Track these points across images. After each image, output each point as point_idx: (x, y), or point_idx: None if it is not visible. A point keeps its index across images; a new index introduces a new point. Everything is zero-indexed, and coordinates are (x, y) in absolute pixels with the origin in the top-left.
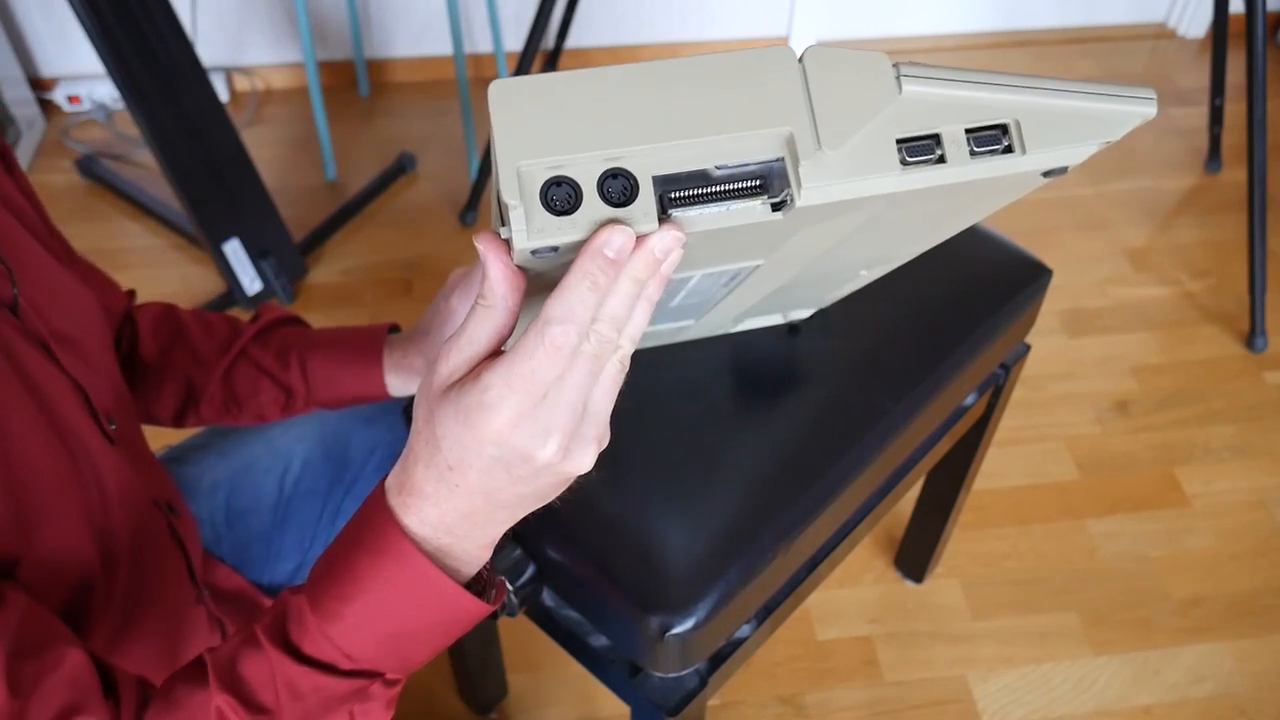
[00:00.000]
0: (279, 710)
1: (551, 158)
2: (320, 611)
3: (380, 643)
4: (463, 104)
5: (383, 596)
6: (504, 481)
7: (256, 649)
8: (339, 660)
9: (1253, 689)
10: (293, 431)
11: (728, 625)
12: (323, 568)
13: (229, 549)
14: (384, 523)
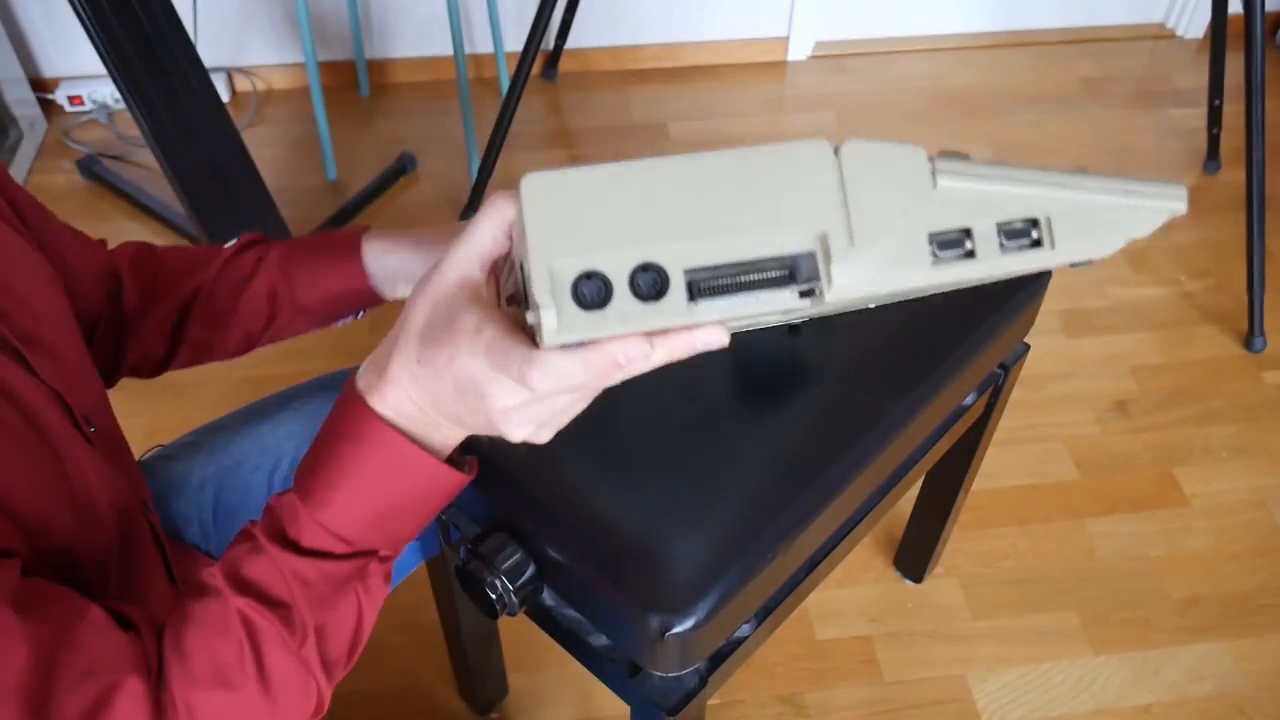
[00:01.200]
0: (294, 602)
1: (584, 255)
2: (311, 502)
3: (370, 522)
4: (463, 104)
5: (366, 477)
6: (461, 411)
7: (258, 552)
8: (335, 545)
9: (1252, 688)
10: (282, 429)
11: (728, 625)
12: (308, 464)
13: (217, 545)
14: (358, 410)
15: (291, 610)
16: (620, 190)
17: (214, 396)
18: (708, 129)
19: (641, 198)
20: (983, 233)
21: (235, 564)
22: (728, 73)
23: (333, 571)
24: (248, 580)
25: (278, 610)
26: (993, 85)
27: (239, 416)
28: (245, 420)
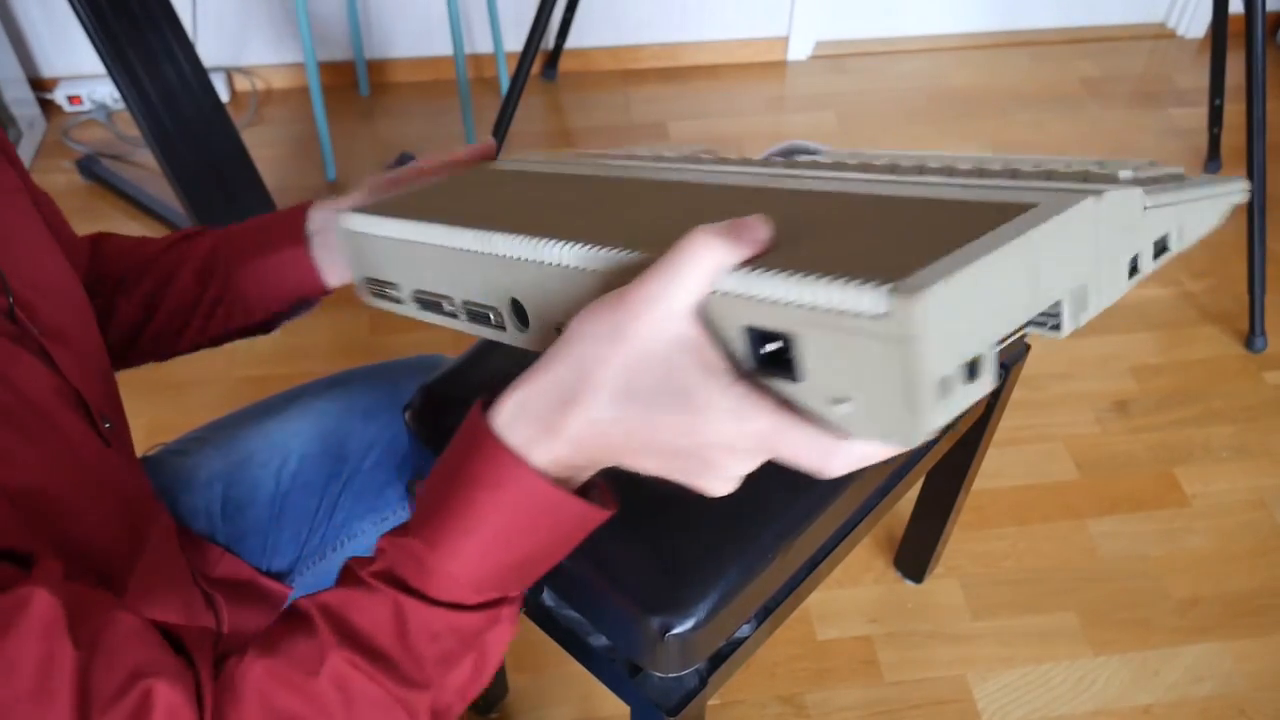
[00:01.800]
0: (407, 655)
1: (977, 344)
2: (440, 550)
3: (505, 571)
4: (463, 104)
5: (506, 526)
6: (653, 465)
7: (370, 594)
8: (466, 597)
9: (1252, 689)
10: (290, 427)
11: (728, 625)
12: (432, 506)
13: (225, 541)
14: (500, 457)
15: (400, 665)
16: (992, 278)
17: (215, 396)
18: (707, 129)
19: (1000, 284)
20: (1147, 250)
21: (342, 605)
22: (728, 72)
23: (464, 625)
24: (353, 629)
25: (381, 663)
26: (993, 85)
27: (247, 414)
28: (253, 417)
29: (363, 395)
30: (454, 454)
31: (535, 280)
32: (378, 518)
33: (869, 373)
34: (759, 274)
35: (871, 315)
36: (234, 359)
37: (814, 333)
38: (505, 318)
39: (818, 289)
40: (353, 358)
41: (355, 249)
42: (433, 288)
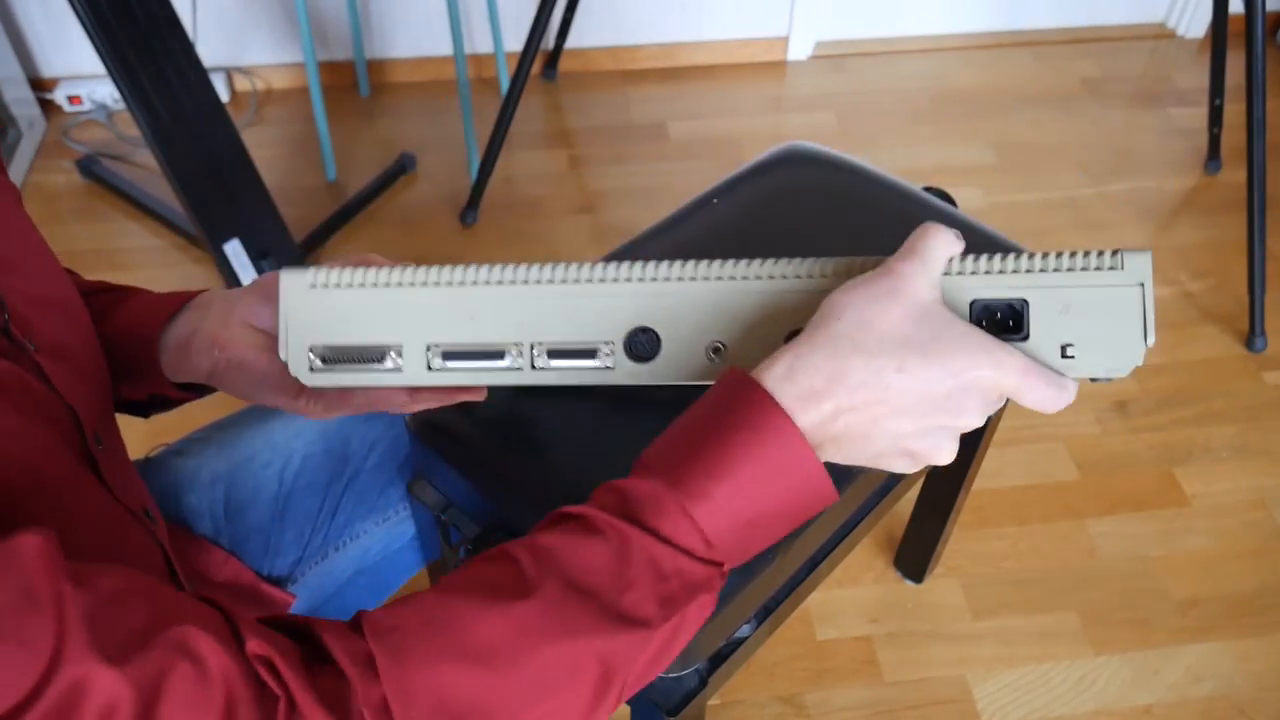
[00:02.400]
0: (623, 590)
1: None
2: (683, 490)
3: (738, 529)
4: (463, 104)
5: (755, 476)
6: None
7: (596, 534)
8: (697, 546)
9: (1252, 689)
10: (293, 427)
11: (728, 625)
12: (680, 449)
13: (227, 541)
14: (766, 404)
15: (619, 606)
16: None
17: (213, 398)
18: (707, 129)
19: None
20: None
21: (556, 547)
22: (727, 73)
23: (689, 571)
24: (569, 564)
25: (588, 601)
26: (993, 85)
27: (249, 414)
28: (255, 418)
29: None
30: (712, 405)
31: (682, 308)
32: (380, 518)
33: (1101, 318)
34: (992, 259)
35: (1115, 274)
36: None
37: (1047, 296)
38: (616, 351)
39: (1059, 263)
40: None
41: (311, 311)
42: (474, 338)
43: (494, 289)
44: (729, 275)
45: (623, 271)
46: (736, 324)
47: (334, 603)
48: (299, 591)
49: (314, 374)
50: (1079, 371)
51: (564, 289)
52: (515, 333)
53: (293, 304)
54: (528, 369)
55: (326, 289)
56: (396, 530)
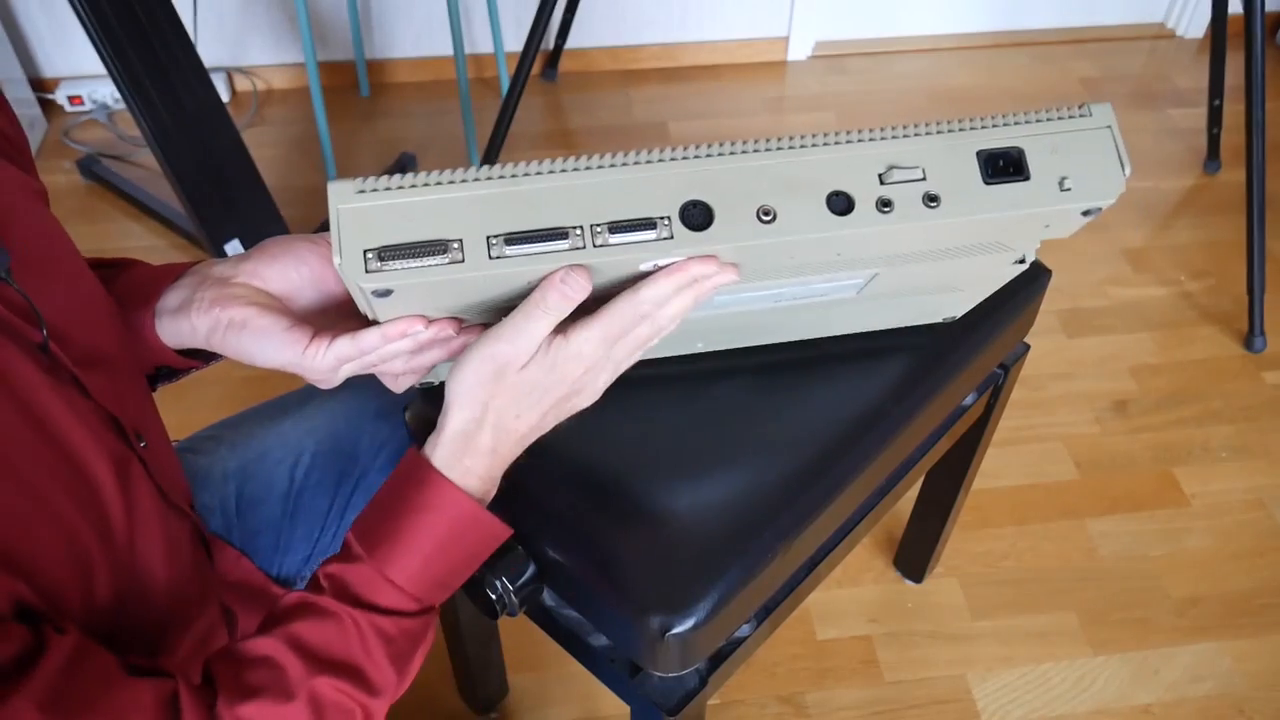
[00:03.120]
0: (369, 660)
1: None
2: (388, 568)
3: (438, 580)
4: (463, 104)
5: (439, 541)
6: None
7: (329, 617)
8: (409, 605)
9: (1251, 688)
10: (304, 425)
11: (728, 625)
12: (377, 530)
13: (239, 538)
14: (431, 476)
15: (365, 672)
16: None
17: (215, 396)
18: (708, 129)
19: None
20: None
21: (299, 635)
22: (728, 73)
23: (410, 628)
24: (316, 648)
25: (351, 676)
26: (992, 85)
27: (260, 412)
28: (267, 416)
29: (374, 396)
30: (404, 485)
31: (727, 178)
32: None
33: (1087, 158)
34: (987, 119)
35: (1086, 120)
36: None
37: (1037, 142)
38: (673, 222)
39: (1041, 116)
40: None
41: (362, 215)
42: (534, 224)
43: (544, 179)
44: (765, 148)
45: (668, 154)
46: (779, 188)
47: None
48: None
49: (370, 275)
50: (1077, 201)
51: (613, 173)
52: (575, 217)
53: (343, 208)
54: (590, 246)
55: (376, 193)
56: None
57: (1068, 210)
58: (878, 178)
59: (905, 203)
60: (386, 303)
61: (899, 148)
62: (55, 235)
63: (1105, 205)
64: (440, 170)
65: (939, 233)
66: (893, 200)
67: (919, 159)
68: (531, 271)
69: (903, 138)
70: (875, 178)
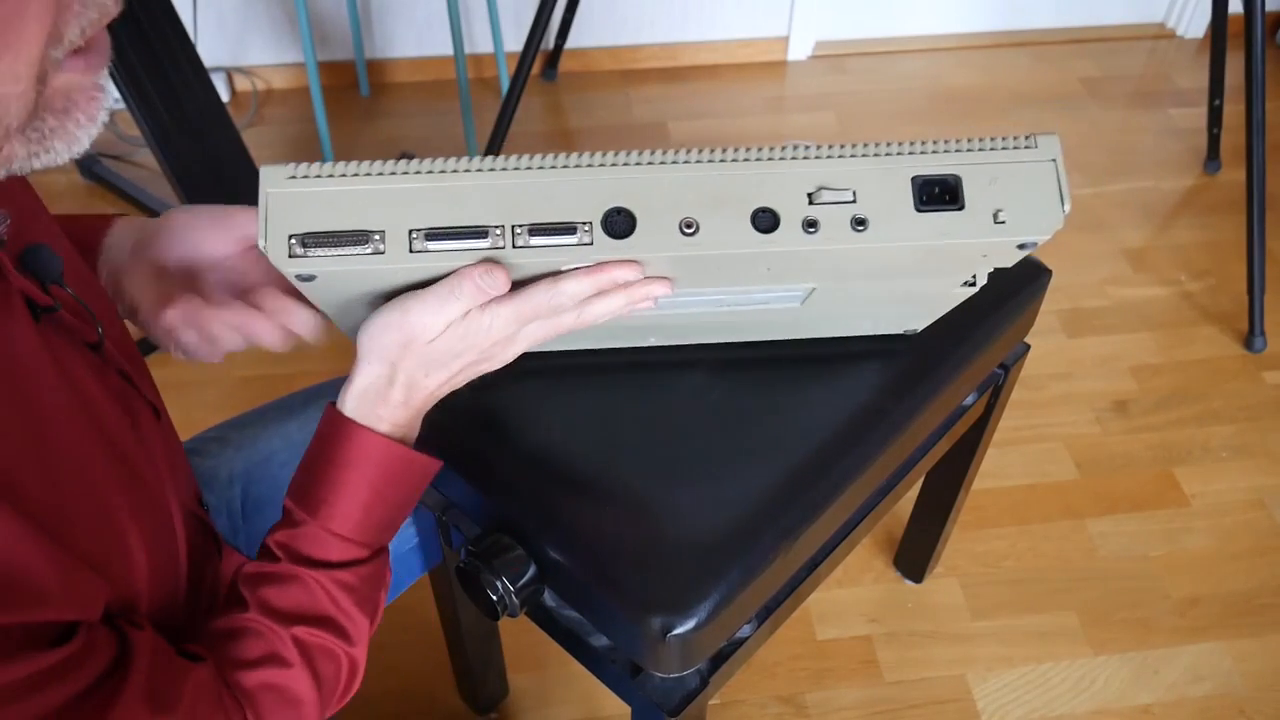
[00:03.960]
0: (340, 611)
1: None
2: (331, 522)
3: (382, 523)
4: (463, 104)
5: (375, 486)
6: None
7: (292, 580)
8: (360, 553)
9: (1251, 688)
10: (309, 428)
11: (729, 625)
12: (313, 491)
13: (244, 542)
14: (356, 431)
15: (338, 619)
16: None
17: (214, 396)
18: (708, 129)
19: None
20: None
21: (267, 600)
22: (728, 73)
23: (367, 573)
24: (287, 609)
25: (326, 625)
26: (993, 85)
27: (264, 414)
28: (272, 418)
29: None
30: (320, 447)
31: (653, 188)
32: None
33: (1026, 191)
34: (927, 142)
35: (1032, 152)
36: (233, 359)
37: (976, 171)
38: (594, 228)
39: (984, 145)
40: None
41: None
42: (456, 221)
43: (472, 177)
44: (696, 159)
45: (596, 158)
46: (705, 201)
47: None
48: None
49: (293, 260)
50: (1010, 234)
51: (541, 175)
52: (497, 217)
53: (272, 193)
54: (510, 247)
55: (306, 179)
56: (406, 533)
57: (1000, 243)
58: (807, 197)
59: (832, 225)
60: (310, 287)
61: (833, 168)
62: (62, 234)
63: (1041, 240)
64: (373, 162)
65: (866, 256)
66: (819, 221)
67: (852, 180)
68: (450, 268)
69: (839, 158)
70: (804, 197)
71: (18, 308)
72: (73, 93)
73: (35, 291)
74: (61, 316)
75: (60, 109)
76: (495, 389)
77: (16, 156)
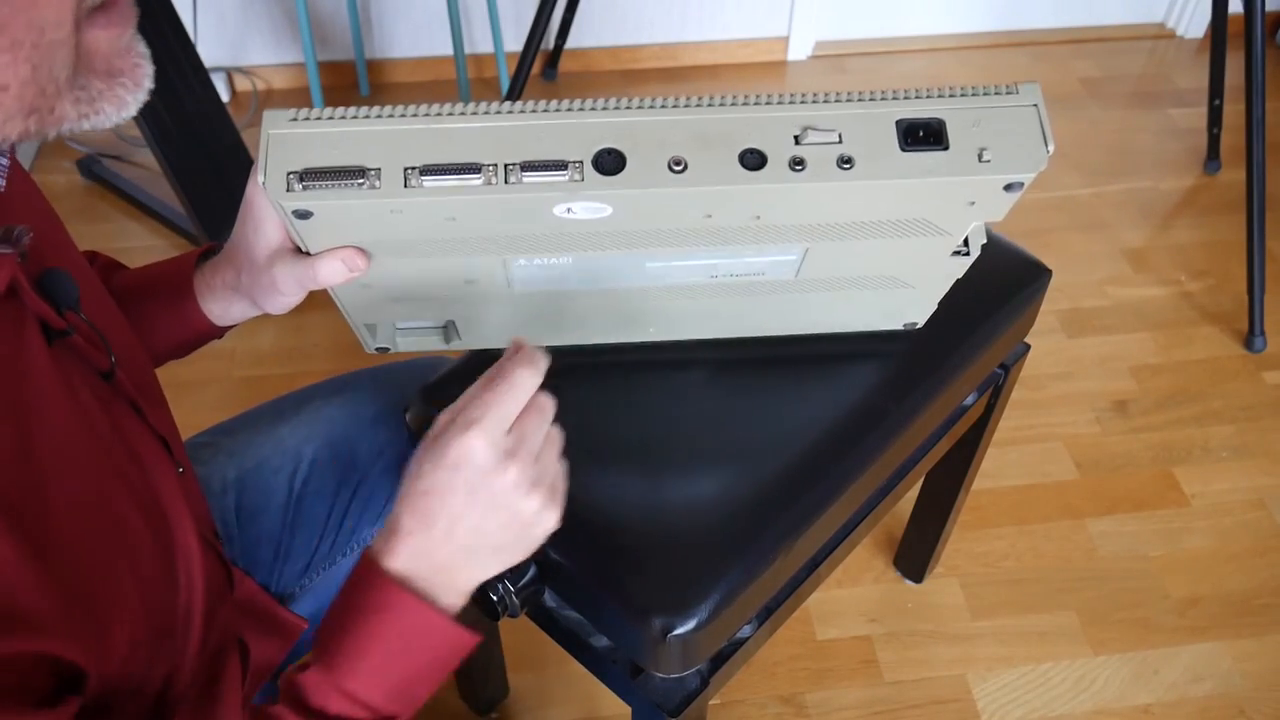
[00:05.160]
0: None
1: None
2: (337, 673)
3: (393, 689)
4: None
5: (391, 647)
6: (473, 511)
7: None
8: (359, 712)
9: (1251, 688)
10: (301, 432)
11: (729, 626)
12: (328, 634)
13: (239, 550)
14: (379, 580)
15: None
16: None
17: (214, 396)
18: None
19: None
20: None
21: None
22: (728, 73)
23: None
24: None
25: None
26: (992, 85)
27: (255, 418)
28: (264, 422)
29: (371, 402)
30: (351, 584)
31: (642, 130)
32: None
33: (1010, 133)
34: (910, 91)
35: (1014, 98)
36: (233, 360)
37: (960, 115)
38: (585, 166)
39: (967, 92)
40: (352, 358)
41: (292, 142)
42: (451, 158)
43: (468, 119)
44: (684, 104)
45: (588, 104)
46: (694, 142)
47: None
48: (306, 597)
49: (290, 195)
50: (996, 172)
51: (534, 118)
52: (490, 155)
53: (274, 134)
54: (501, 183)
55: (308, 121)
56: None
57: (987, 182)
58: (793, 138)
59: (819, 163)
60: (307, 227)
61: (819, 111)
62: (86, 265)
63: (1027, 179)
64: (372, 106)
65: (853, 196)
66: (806, 160)
67: (837, 124)
68: (443, 202)
69: (824, 103)
70: (791, 138)
71: (31, 329)
72: (114, 58)
73: (50, 315)
74: (74, 342)
75: (104, 71)
76: None
77: (67, 117)
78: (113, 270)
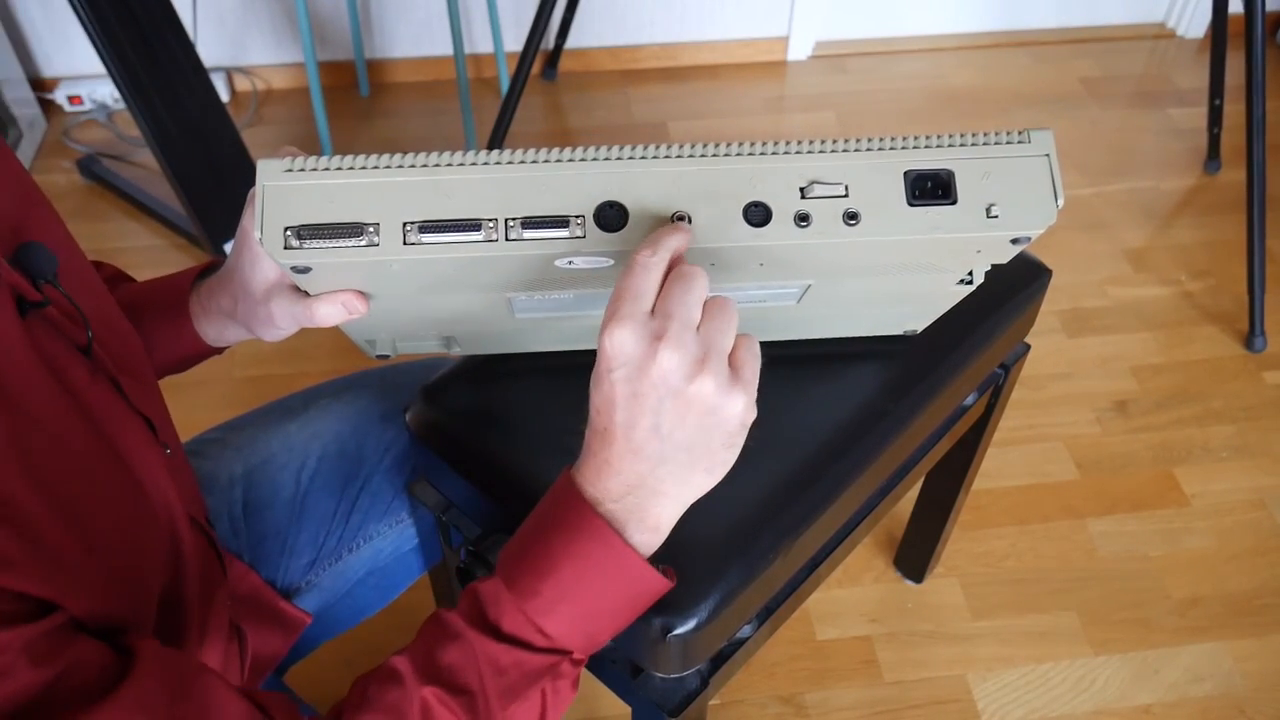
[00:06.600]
0: (482, 689)
1: None
2: (517, 589)
3: (573, 619)
4: (462, 104)
5: (577, 572)
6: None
7: (453, 639)
8: (534, 637)
9: (1252, 688)
10: (308, 429)
11: (729, 626)
12: (516, 549)
13: (246, 544)
14: (575, 500)
15: (476, 698)
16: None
17: (215, 396)
18: (708, 128)
19: None
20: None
21: (429, 650)
22: (728, 73)
23: (527, 661)
24: (439, 667)
25: (462, 698)
26: (993, 85)
27: (264, 415)
28: (272, 419)
29: (378, 400)
30: (545, 501)
31: (645, 181)
32: (393, 520)
33: (1019, 186)
34: (919, 138)
35: (1025, 147)
36: (234, 360)
37: (969, 166)
38: (587, 222)
39: (977, 140)
40: (353, 358)
41: (288, 194)
42: (450, 214)
43: (467, 170)
44: (688, 154)
45: (589, 153)
46: (698, 195)
47: (344, 602)
48: (312, 592)
49: (289, 252)
50: (1003, 229)
51: (534, 169)
52: (491, 209)
53: (269, 186)
54: (502, 240)
55: (303, 173)
56: (408, 532)
57: (994, 238)
58: (799, 191)
59: (824, 219)
60: (306, 279)
61: (826, 162)
62: (73, 243)
63: (1034, 235)
64: (368, 155)
65: (859, 251)
66: (811, 215)
67: (844, 175)
68: (444, 259)
69: (831, 152)
70: (796, 191)
71: (4, 301)
72: None
73: (25, 286)
74: (50, 314)
75: None
76: (496, 388)
77: None
78: (117, 283)
